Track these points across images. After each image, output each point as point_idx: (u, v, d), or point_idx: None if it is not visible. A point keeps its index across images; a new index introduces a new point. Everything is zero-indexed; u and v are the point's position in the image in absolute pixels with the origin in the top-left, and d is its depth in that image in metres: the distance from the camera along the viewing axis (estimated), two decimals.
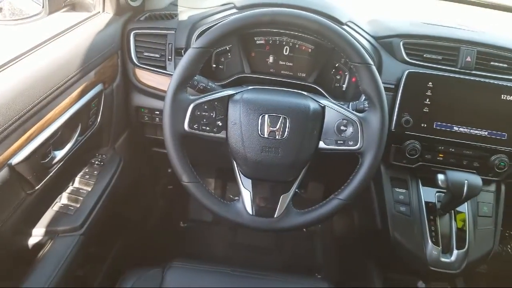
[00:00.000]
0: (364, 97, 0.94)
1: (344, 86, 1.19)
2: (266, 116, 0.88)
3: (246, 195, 0.92)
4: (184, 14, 1.21)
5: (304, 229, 1.88)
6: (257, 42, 1.19)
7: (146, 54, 1.16)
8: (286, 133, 0.88)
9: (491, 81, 1.08)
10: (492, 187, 1.16)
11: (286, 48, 1.19)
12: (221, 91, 0.92)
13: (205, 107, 0.88)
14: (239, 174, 0.93)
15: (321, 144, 0.90)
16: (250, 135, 0.88)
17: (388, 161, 1.13)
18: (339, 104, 0.93)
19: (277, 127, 0.87)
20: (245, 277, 1.03)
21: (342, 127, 0.89)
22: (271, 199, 0.91)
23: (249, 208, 0.91)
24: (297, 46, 1.18)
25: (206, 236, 1.87)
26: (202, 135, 0.89)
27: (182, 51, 1.13)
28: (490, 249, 1.11)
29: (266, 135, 0.88)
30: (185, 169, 0.88)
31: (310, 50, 1.18)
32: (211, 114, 0.89)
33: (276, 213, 0.91)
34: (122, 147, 1.29)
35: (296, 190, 0.93)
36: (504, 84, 1.07)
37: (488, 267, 1.93)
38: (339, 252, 1.75)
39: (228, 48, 1.19)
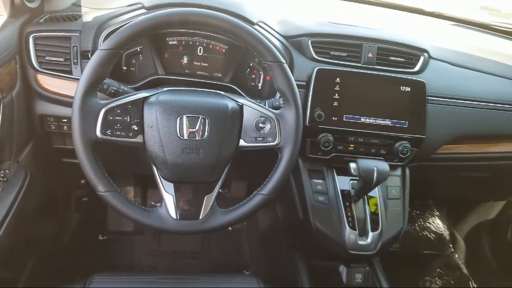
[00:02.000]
0: (279, 94, 0.97)
1: (260, 84, 1.21)
2: (185, 117, 0.87)
3: (169, 199, 0.90)
4: (88, 15, 1.14)
5: (230, 228, 1.89)
6: (170, 43, 1.17)
7: (48, 58, 1.08)
8: (206, 133, 0.87)
9: (391, 74, 1.17)
10: (398, 171, 1.26)
11: (200, 49, 1.18)
12: (134, 94, 0.89)
13: (118, 111, 0.85)
14: (160, 179, 0.91)
15: (242, 142, 0.92)
16: (169, 138, 0.86)
17: (305, 154, 1.18)
18: (256, 102, 0.95)
19: (197, 128, 0.87)
20: (172, 282, 1.01)
21: (260, 124, 0.91)
22: (195, 201, 0.91)
23: (172, 213, 0.89)
24: (211, 46, 1.18)
25: (129, 246, 1.79)
26: (116, 141, 0.85)
27: (89, 54, 1.07)
28: (400, 229, 1.21)
29: (185, 137, 0.86)
30: (100, 178, 0.84)
31: (224, 50, 1.19)
32: (125, 118, 0.85)
33: (201, 214, 0.90)
34: (28, 160, 1.18)
35: (220, 190, 0.94)
36: (402, 77, 1.17)
37: (400, 245, 2.12)
38: (266, 246, 1.79)
39: (139, 50, 1.15)
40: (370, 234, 1.15)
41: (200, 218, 0.90)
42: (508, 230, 1.86)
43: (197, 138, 0.87)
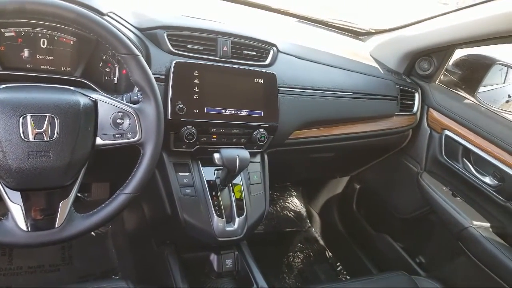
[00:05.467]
0: (137, 88, 0.94)
1: (116, 78, 1.16)
2: (29, 116, 0.78)
3: (16, 210, 0.80)
4: None
5: (93, 233, 1.78)
6: (6, 34, 1.03)
7: None
8: (56, 133, 0.80)
9: (245, 67, 1.24)
10: (258, 158, 1.34)
11: (44, 41, 1.07)
12: None
13: None
14: (3, 188, 0.80)
15: (98, 141, 0.87)
16: (10, 141, 0.76)
17: (169, 148, 1.17)
18: (112, 97, 0.91)
19: (44, 128, 0.79)
20: None
21: (118, 120, 0.88)
22: (48, 208, 0.83)
23: (22, 224, 0.80)
24: (56, 38, 1.08)
25: None
26: None
27: None
28: (263, 211, 1.29)
29: (31, 139, 0.78)
30: None
31: (72, 42, 1.10)
32: None
33: (56, 222, 0.83)
34: None
35: (78, 194, 0.88)
36: (255, 69, 1.25)
37: (264, 226, 2.27)
38: (134, 247, 1.73)
39: None
40: (237, 219, 1.20)
41: (56, 226, 0.83)
42: (353, 201, 2.15)
43: (45, 139, 0.79)
